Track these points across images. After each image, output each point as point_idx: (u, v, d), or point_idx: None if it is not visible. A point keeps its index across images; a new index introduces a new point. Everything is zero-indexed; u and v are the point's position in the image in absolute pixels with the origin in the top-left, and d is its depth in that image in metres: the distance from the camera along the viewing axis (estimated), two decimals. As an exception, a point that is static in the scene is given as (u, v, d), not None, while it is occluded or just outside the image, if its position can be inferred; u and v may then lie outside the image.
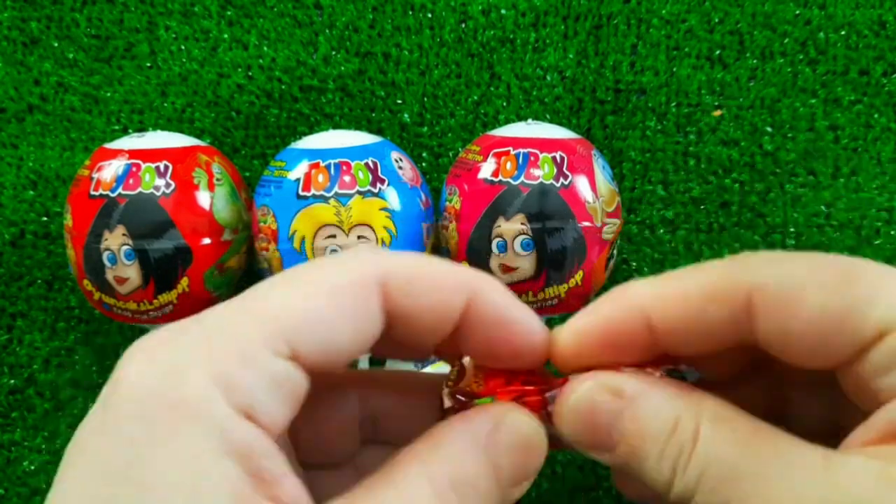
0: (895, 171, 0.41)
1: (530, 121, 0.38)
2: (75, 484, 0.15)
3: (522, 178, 0.34)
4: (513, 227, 0.34)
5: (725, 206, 0.41)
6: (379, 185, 0.35)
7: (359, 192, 0.34)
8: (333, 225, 0.34)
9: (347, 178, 0.34)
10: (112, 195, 0.34)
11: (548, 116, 0.42)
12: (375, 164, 0.35)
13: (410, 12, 0.43)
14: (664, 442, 0.18)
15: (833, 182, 0.41)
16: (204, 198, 0.36)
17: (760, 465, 0.17)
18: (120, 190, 0.35)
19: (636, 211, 0.41)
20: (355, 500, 0.17)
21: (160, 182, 0.35)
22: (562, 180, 0.34)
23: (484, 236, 0.35)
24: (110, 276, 0.35)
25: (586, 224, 0.34)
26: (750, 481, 0.17)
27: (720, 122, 0.41)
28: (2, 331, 0.42)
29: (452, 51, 0.43)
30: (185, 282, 0.35)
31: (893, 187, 0.40)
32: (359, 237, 0.34)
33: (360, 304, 0.17)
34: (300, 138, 0.38)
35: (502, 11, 0.42)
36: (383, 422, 0.23)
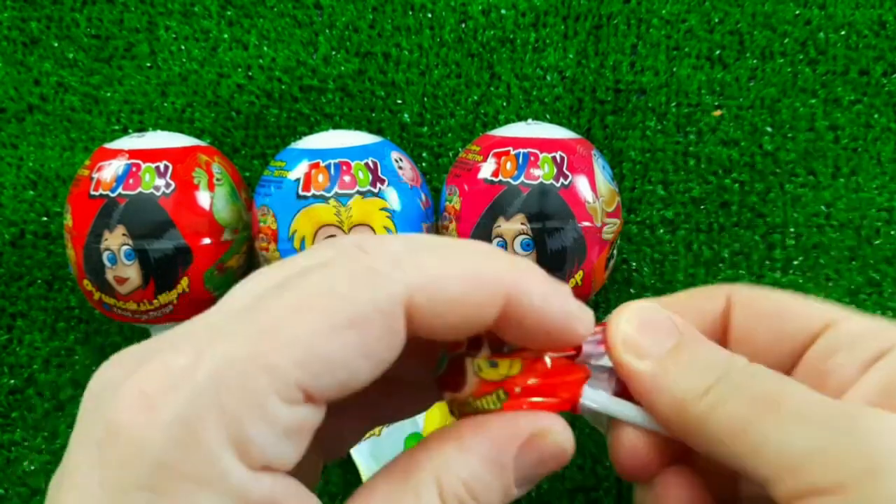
0: (895, 171, 0.41)
1: (530, 121, 0.38)
2: None
3: (522, 178, 0.34)
4: (513, 227, 0.34)
5: (725, 206, 0.41)
6: (379, 185, 0.35)
7: (359, 192, 0.34)
8: (333, 225, 0.34)
9: (347, 178, 0.34)
10: (112, 195, 0.34)
11: (548, 116, 0.42)
12: (375, 164, 0.35)
13: (410, 12, 0.43)
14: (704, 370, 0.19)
15: (833, 182, 0.41)
16: (204, 198, 0.36)
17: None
18: (120, 190, 0.35)
19: (636, 211, 0.41)
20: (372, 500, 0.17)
21: (160, 182, 0.35)
22: (562, 180, 0.34)
23: (484, 236, 0.35)
24: (110, 276, 0.35)
25: (586, 224, 0.34)
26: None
27: (720, 122, 0.41)
28: (2, 331, 0.42)
29: (452, 51, 0.43)
30: (185, 282, 0.35)
31: (893, 187, 0.40)
32: (359, 237, 0.34)
33: (383, 336, 0.16)
34: (300, 138, 0.38)
35: (502, 11, 0.42)
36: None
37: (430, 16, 0.43)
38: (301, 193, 0.34)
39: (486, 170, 0.35)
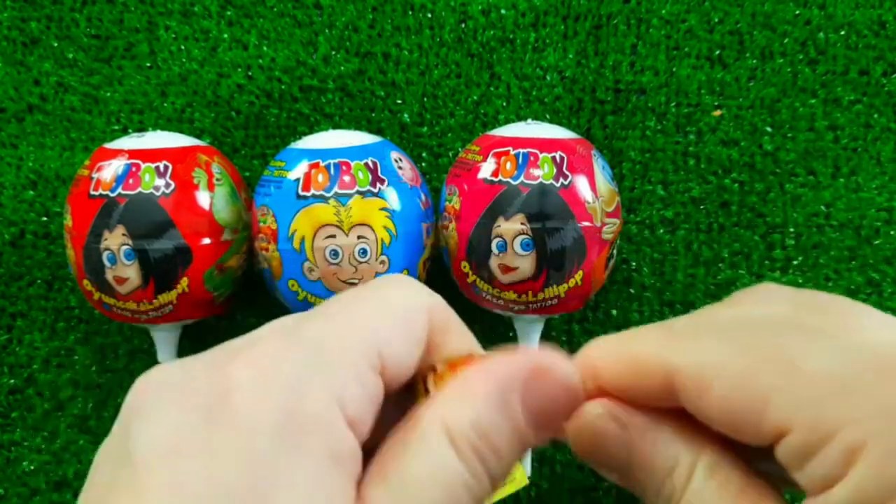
0: (895, 171, 0.41)
1: (530, 121, 0.38)
2: None
3: (522, 178, 0.34)
4: (512, 227, 0.34)
5: (725, 206, 0.41)
6: (379, 184, 0.35)
7: (358, 192, 0.34)
8: (333, 225, 0.34)
9: (347, 178, 0.34)
10: (112, 195, 0.34)
11: (548, 116, 0.42)
12: (375, 164, 0.35)
13: (410, 12, 0.43)
14: (660, 480, 0.19)
15: (833, 182, 0.41)
16: (204, 198, 0.36)
17: None
18: (120, 190, 0.35)
19: (636, 211, 0.41)
20: (384, 463, 0.17)
21: (160, 182, 0.35)
22: (561, 180, 0.34)
23: (484, 236, 0.35)
24: (110, 276, 0.35)
25: (586, 224, 0.34)
26: None
27: (720, 122, 0.41)
28: (2, 331, 0.42)
29: (452, 51, 0.43)
30: (184, 282, 0.35)
31: (893, 187, 0.40)
32: (358, 237, 0.34)
33: (422, 328, 0.19)
34: (300, 138, 0.38)
35: (502, 11, 0.42)
36: None
37: (429, 16, 0.43)
38: (301, 193, 0.34)
39: (486, 170, 0.35)
